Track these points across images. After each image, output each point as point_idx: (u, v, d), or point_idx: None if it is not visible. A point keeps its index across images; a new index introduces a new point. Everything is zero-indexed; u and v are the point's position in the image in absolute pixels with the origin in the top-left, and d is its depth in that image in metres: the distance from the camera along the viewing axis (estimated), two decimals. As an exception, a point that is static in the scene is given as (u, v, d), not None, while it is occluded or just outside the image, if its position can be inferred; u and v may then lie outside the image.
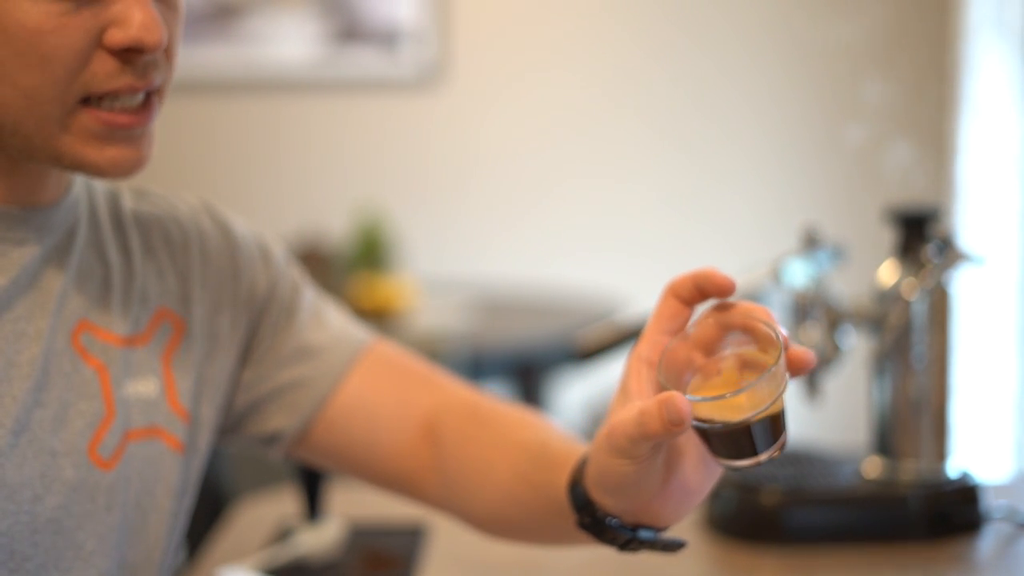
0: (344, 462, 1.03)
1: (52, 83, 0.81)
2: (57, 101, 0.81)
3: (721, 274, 0.77)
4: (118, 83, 0.82)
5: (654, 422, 0.72)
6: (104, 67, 0.82)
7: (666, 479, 0.78)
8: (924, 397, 1.37)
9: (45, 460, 0.86)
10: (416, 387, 1.03)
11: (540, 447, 0.92)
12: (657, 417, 0.71)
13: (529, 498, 0.91)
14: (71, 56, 0.81)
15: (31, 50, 0.80)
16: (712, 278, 0.77)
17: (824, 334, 1.36)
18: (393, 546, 1.36)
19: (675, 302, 0.79)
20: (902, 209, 1.38)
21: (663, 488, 0.78)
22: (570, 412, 3.85)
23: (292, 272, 1.06)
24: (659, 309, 0.79)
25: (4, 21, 0.79)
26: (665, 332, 0.78)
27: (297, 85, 4.00)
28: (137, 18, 0.81)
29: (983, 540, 1.34)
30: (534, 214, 4.03)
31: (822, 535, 1.33)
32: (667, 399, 0.71)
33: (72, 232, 0.92)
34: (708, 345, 0.77)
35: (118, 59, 0.82)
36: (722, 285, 0.77)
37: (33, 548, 0.86)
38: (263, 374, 1.02)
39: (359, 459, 1.02)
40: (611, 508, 0.80)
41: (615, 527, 0.80)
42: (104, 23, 0.81)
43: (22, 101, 0.81)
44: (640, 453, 0.75)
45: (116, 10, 0.81)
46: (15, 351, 0.86)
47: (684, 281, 0.78)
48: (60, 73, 0.81)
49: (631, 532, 0.80)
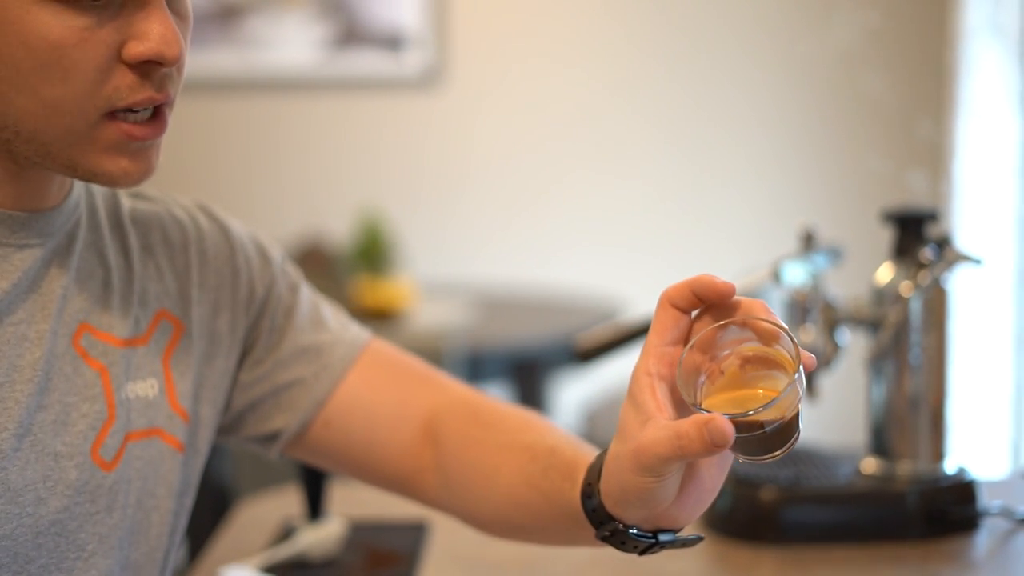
0: (342, 462, 1.04)
1: (73, 96, 0.82)
2: (79, 113, 0.83)
3: (719, 280, 0.76)
4: (138, 96, 0.84)
5: (694, 444, 0.72)
6: (125, 80, 0.83)
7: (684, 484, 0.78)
8: (921, 396, 1.38)
9: (48, 463, 0.87)
10: (415, 387, 1.03)
11: (548, 453, 0.91)
12: (698, 440, 0.71)
13: (538, 504, 0.91)
14: (92, 69, 0.82)
15: (54, 63, 0.81)
16: (711, 285, 0.76)
17: (822, 334, 1.37)
18: (395, 544, 1.36)
19: (674, 311, 0.78)
20: (899, 210, 1.39)
21: (680, 493, 0.78)
22: (568, 412, 3.86)
23: (289, 273, 1.06)
24: (658, 320, 0.78)
25: (27, 35, 0.80)
26: (668, 343, 0.78)
27: (297, 87, 4.01)
28: (157, 32, 0.82)
29: (980, 537, 1.35)
30: (532, 215, 4.03)
31: (820, 533, 1.34)
32: (709, 421, 0.71)
33: (73, 234, 0.93)
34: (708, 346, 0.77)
35: (137, 72, 0.83)
36: (721, 291, 0.76)
37: (36, 550, 0.87)
38: (262, 374, 1.02)
39: (357, 459, 1.02)
40: (630, 519, 0.80)
41: (636, 536, 0.80)
42: (124, 37, 0.82)
43: (43, 112, 0.82)
44: (670, 471, 0.75)
45: (136, 24, 0.82)
46: (17, 355, 0.87)
47: (681, 290, 0.77)
48: (81, 86, 0.82)
49: (652, 538, 0.80)
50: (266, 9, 3.93)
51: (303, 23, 3.93)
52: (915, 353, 1.37)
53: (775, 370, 0.75)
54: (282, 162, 4.07)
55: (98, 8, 0.81)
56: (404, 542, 1.37)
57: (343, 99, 4.01)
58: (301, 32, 3.94)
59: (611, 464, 0.79)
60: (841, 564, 1.29)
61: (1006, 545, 1.34)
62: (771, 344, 0.75)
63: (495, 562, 1.29)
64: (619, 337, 1.39)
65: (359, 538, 1.38)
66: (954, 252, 1.36)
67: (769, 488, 1.34)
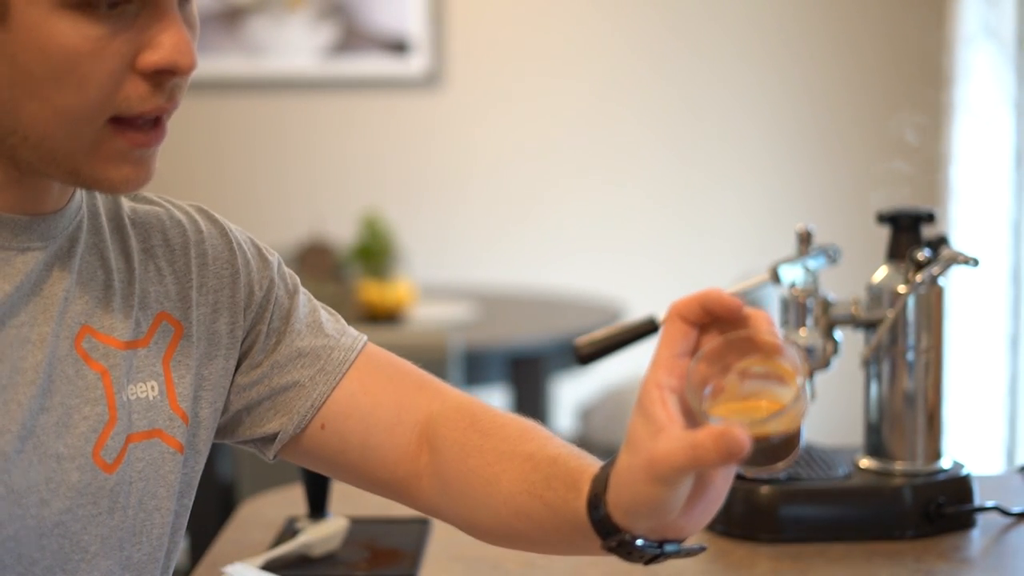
0: (338, 465, 1.04)
1: (86, 104, 0.83)
2: (88, 121, 0.84)
3: (727, 295, 0.78)
4: (148, 105, 0.85)
5: (710, 455, 0.73)
6: (137, 90, 0.84)
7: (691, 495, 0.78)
8: (917, 395, 1.39)
9: (50, 464, 0.88)
10: (412, 392, 1.03)
11: (550, 462, 0.91)
12: (714, 450, 0.72)
13: (539, 513, 0.91)
14: (107, 79, 0.83)
15: (69, 72, 0.82)
16: (719, 300, 0.78)
17: (819, 334, 1.39)
18: (397, 541, 1.37)
19: (683, 324, 0.79)
20: (896, 212, 1.40)
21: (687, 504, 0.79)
22: (568, 413, 3.87)
23: (287, 277, 1.06)
24: (667, 333, 0.79)
25: (44, 42, 0.81)
26: (677, 355, 0.79)
27: (300, 90, 4.02)
28: (171, 41, 0.83)
29: (975, 534, 1.36)
30: (532, 219, 4.04)
31: (817, 529, 1.35)
32: (725, 432, 0.72)
33: (74, 237, 0.93)
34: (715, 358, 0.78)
35: (149, 82, 0.84)
36: (730, 305, 0.78)
37: (40, 552, 0.87)
38: (259, 377, 1.02)
39: (353, 463, 1.02)
40: (638, 530, 0.81)
41: (643, 547, 0.81)
42: (137, 47, 0.83)
43: (53, 118, 0.83)
44: (683, 481, 0.76)
45: (150, 34, 0.83)
46: (20, 357, 0.87)
47: (690, 304, 0.79)
48: (95, 94, 0.83)
49: (659, 548, 0.81)
50: (269, 11, 3.94)
51: (305, 25, 3.94)
52: (911, 352, 1.39)
53: (778, 383, 0.76)
54: (284, 164, 4.07)
55: (113, 18, 0.82)
56: (406, 539, 1.37)
57: (345, 101, 4.02)
58: (301, 34, 3.95)
59: (621, 475, 0.80)
60: (837, 561, 1.30)
61: (1001, 542, 1.35)
62: (774, 358, 0.76)
63: (496, 560, 1.30)
64: (618, 339, 1.40)
65: (361, 536, 1.39)
66: (949, 253, 1.36)
67: (766, 485, 1.35)
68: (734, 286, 1.44)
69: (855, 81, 3.90)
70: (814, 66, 3.95)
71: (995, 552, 1.34)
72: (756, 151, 3.99)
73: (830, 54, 3.94)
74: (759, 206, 3.98)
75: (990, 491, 1.43)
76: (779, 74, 3.96)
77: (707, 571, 1.30)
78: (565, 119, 4.01)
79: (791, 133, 3.98)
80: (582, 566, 1.28)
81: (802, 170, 3.98)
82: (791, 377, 0.76)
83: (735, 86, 3.97)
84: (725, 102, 3.98)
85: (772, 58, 3.96)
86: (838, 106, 3.93)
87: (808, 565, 1.29)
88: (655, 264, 4.00)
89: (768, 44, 3.95)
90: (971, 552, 1.34)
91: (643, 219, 4.02)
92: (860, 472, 1.40)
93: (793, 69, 3.95)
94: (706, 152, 4.00)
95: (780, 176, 3.99)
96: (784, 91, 3.96)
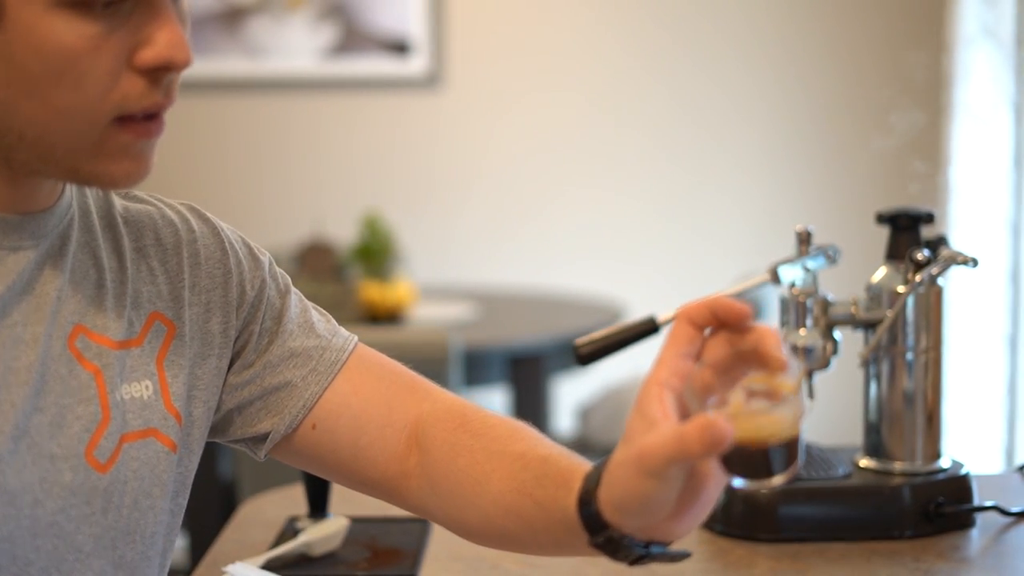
0: (329, 465, 1.04)
1: (84, 102, 0.83)
2: (88, 119, 0.84)
3: (736, 302, 0.79)
4: (148, 101, 0.85)
5: (695, 445, 0.73)
6: (134, 87, 0.84)
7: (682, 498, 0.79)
8: (916, 395, 1.39)
9: (44, 465, 0.87)
10: (402, 393, 1.03)
11: (540, 461, 0.92)
12: (698, 440, 0.73)
13: (529, 512, 0.91)
14: (104, 76, 0.83)
15: (66, 71, 0.82)
16: (729, 307, 0.79)
17: (819, 335, 1.39)
18: (397, 541, 1.37)
19: (690, 328, 0.80)
20: (895, 212, 1.41)
21: (678, 506, 0.79)
22: (567, 413, 3.87)
23: (279, 277, 1.06)
24: (674, 335, 0.80)
25: (40, 42, 0.81)
26: (681, 357, 0.80)
27: (300, 90, 4.02)
28: (166, 38, 0.84)
29: (974, 533, 1.36)
30: (532, 220, 4.04)
31: (816, 529, 1.35)
32: (709, 423, 0.73)
33: (66, 235, 0.93)
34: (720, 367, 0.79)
35: (146, 78, 0.84)
36: (739, 313, 0.79)
37: (35, 552, 0.87)
38: (251, 377, 1.02)
39: (343, 462, 1.03)
40: (626, 528, 0.81)
41: (630, 545, 0.82)
42: (133, 44, 0.84)
43: (52, 117, 0.83)
44: (672, 474, 0.76)
45: (145, 31, 0.84)
46: (13, 357, 0.87)
47: (699, 308, 0.80)
48: (92, 93, 0.83)
49: (644, 548, 0.82)
50: (269, 12, 3.94)
51: (306, 25, 3.95)
52: (910, 352, 1.39)
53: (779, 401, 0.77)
54: (284, 164, 4.08)
55: (108, 16, 0.82)
56: (406, 539, 1.38)
57: (345, 102, 4.02)
58: (304, 35, 3.96)
59: (615, 470, 0.80)
60: (837, 560, 1.30)
61: (1000, 541, 1.35)
62: (777, 374, 0.77)
63: (496, 560, 1.30)
64: (618, 339, 1.40)
65: (362, 535, 1.39)
66: (949, 253, 1.37)
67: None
68: (734, 286, 1.44)
69: (853, 82, 3.90)
70: (811, 68, 3.95)
71: (994, 552, 1.34)
72: (756, 151, 4.00)
73: (827, 55, 3.95)
74: (758, 207, 3.99)
75: (989, 491, 1.43)
76: (779, 76, 3.97)
77: (707, 570, 1.30)
78: (565, 119, 4.02)
79: (790, 134, 3.99)
80: (582, 566, 1.28)
81: (801, 171, 3.99)
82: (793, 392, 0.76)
83: (734, 88, 3.97)
84: (724, 104, 3.98)
85: (771, 60, 3.96)
86: (836, 107, 3.93)
87: (807, 565, 1.29)
88: (655, 264, 4.01)
89: (767, 46, 3.96)
90: (970, 552, 1.34)
91: (643, 219, 4.02)
92: (859, 472, 1.41)
93: (791, 71, 3.96)
94: (706, 153, 4.00)
95: (779, 177, 4.00)
96: (783, 92, 3.97)
